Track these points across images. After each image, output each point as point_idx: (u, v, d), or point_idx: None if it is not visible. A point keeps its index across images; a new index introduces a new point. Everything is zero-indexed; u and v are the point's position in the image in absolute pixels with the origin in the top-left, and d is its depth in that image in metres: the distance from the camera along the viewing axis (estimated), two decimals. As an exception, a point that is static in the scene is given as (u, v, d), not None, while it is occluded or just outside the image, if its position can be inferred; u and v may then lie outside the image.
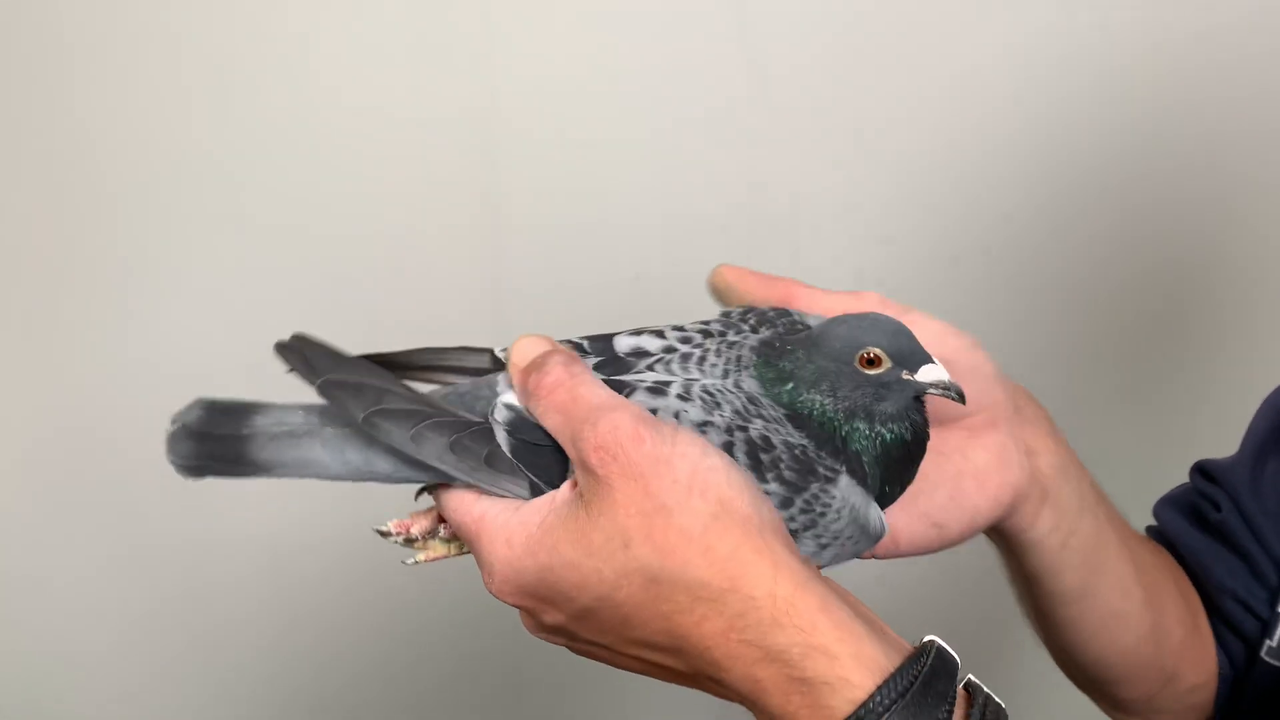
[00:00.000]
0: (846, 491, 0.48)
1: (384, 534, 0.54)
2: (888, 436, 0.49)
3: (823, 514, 0.48)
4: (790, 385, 0.49)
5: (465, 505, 0.49)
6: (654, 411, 0.48)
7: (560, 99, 1.11)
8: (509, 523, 0.48)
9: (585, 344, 0.53)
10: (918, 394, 0.50)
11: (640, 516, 0.45)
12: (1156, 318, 1.16)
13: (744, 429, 0.48)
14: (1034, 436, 0.58)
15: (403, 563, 0.53)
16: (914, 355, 0.48)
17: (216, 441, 0.50)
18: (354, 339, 0.55)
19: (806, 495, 0.48)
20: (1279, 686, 0.65)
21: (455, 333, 0.66)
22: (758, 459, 0.47)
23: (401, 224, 1.14)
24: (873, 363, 0.48)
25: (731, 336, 0.52)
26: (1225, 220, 1.13)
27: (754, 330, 0.52)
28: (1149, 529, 0.73)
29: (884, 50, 1.10)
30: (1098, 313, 1.16)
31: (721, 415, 0.48)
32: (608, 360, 0.51)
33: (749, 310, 0.54)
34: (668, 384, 0.49)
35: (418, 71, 1.10)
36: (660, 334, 0.52)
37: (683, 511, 0.45)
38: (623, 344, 0.52)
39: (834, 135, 1.11)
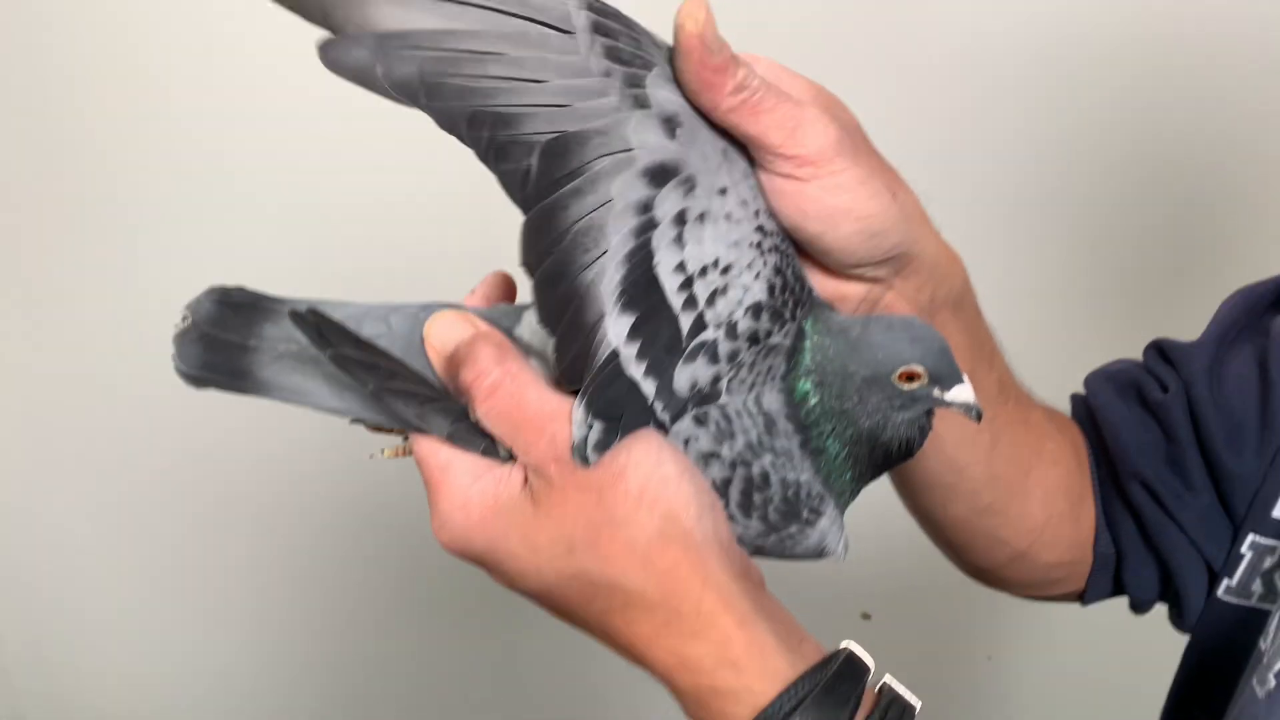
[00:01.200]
0: (823, 529, 0.50)
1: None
2: (894, 449, 0.50)
3: (792, 548, 0.50)
4: (814, 404, 0.49)
5: (433, 451, 0.49)
6: (665, 432, 0.48)
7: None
8: (468, 488, 0.48)
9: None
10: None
11: (588, 527, 0.46)
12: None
13: (748, 465, 0.49)
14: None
15: (370, 456, 0.53)
16: (950, 375, 0.49)
17: (222, 350, 0.49)
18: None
19: (783, 534, 0.50)
20: (1239, 624, 0.64)
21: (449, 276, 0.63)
22: (750, 498, 0.49)
23: (398, 180, 1.13)
24: (912, 378, 0.48)
25: (774, 338, 0.49)
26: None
27: (792, 317, 0.50)
28: (1074, 397, 0.72)
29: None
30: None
31: (731, 447, 0.48)
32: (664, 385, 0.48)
33: (784, 285, 0.50)
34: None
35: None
36: (714, 352, 0.48)
37: (630, 524, 0.46)
38: (682, 381, 0.48)
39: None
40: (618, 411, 0.47)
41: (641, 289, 0.47)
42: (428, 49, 0.47)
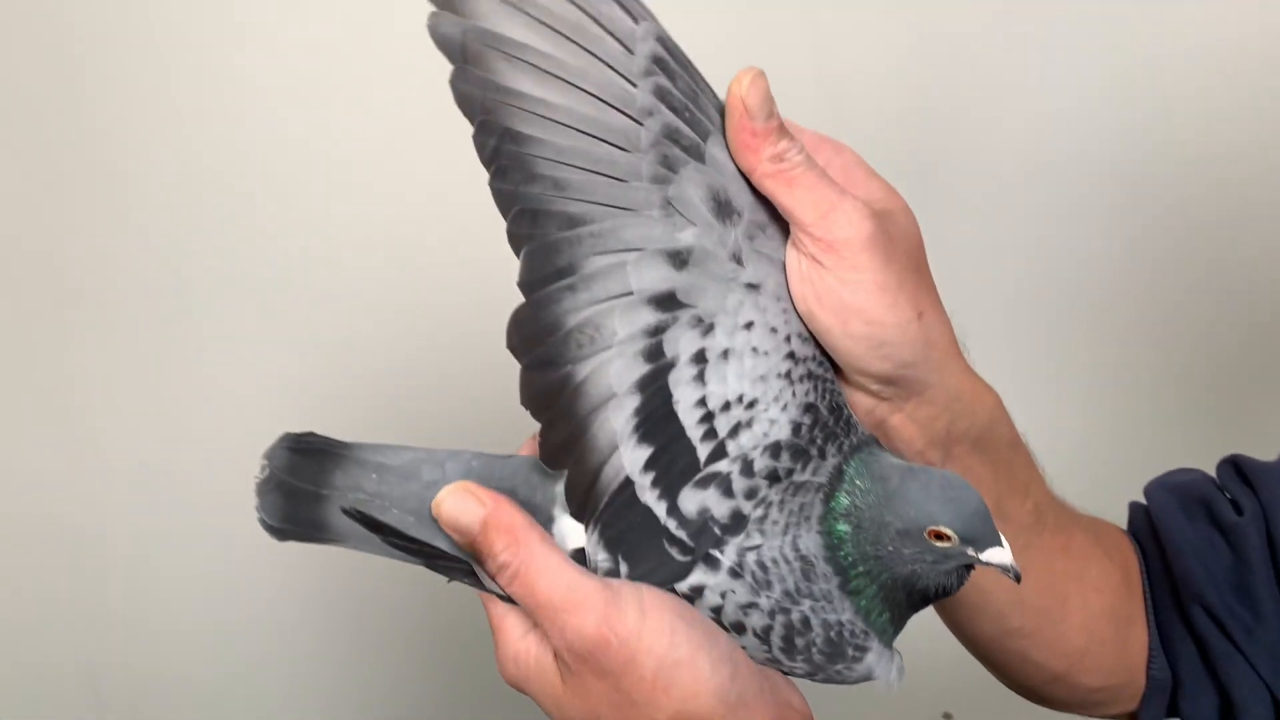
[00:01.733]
0: (870, 664, 0.50)
1: None
2: (931, 593, 0.50)
3: (841, 680, 0.51)
4: (850, 548, 0.49)
5: (491, 599, 0.52)
6: (700, 591, 0.49)
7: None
8: (518, 642, 0.51)
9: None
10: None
11: (610, 707, 0.48)
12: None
13: (787, 612, 0.49)
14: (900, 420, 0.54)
15: (448, 581, 0.55)
16: (984, 538, 0.48)
17: (299, 499, 0.52)
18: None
19: (829, 672, 0.50)
20: None
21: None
22: (792, 643, 0.49)
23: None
24: (941, 538, 0.48)
25: (798, 475, 0.49)
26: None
27: (821, 455, 0.50)
28: (1134, 507, 0.70)
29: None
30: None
31: (769, 596, 0.49)
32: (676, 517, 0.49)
33: (815, 421, 0.50)
34: (723, 550, 0.49)
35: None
36: (728, 486, 0.49)
37: (649, 705, 0.48)
38: (689, 504, 0.49)
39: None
40: (631, 539, 0.49)
41: (659, 422, 0.49)
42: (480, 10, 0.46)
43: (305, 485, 0.51)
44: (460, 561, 0.50)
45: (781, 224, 0.51)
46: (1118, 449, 1.11)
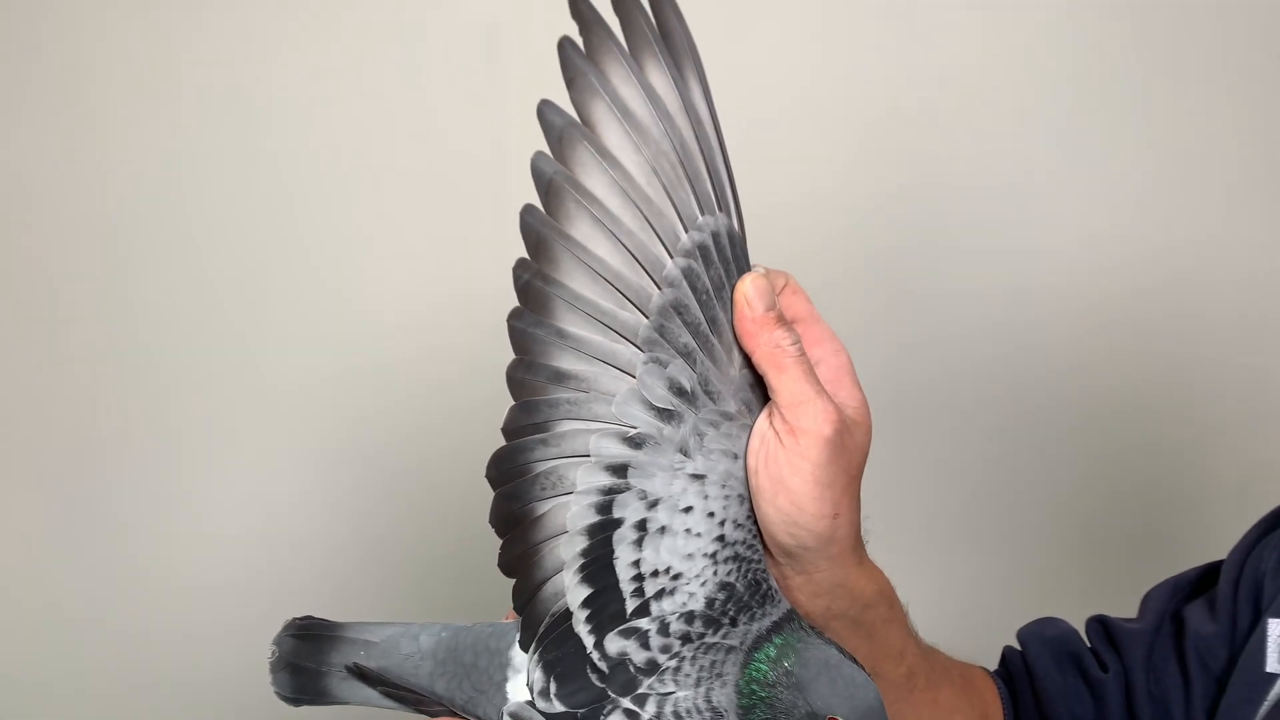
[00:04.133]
0: None
1: None
2: None
3: None
4: (764, 713, 0.54)
5: None
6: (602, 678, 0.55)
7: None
8: None
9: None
10: None
11: None
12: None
13: None
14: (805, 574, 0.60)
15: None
16: None
17: (304, 676, 0.60)
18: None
19: None
20: None
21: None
22: None
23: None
24: None
25: (709, 638, 0.56)
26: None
27: (733, 623, 0.56)
28: (1008, 652, 0.77)
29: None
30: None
31: None
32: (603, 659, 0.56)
33: (729, 597, 0.56)
34: (644, 703, 0.55)
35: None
36: (645, 641, 0.55)
37: None
38: (613, 646, 0.56)
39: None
40: (563, 664, 0.55)
41: (600, 570, 0.55)
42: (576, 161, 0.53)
43: (308, 665, 0.60)
44: (439, 706, 0.58)
45: (757, 406, 0.57)
46: (995, 599, 1.19)
